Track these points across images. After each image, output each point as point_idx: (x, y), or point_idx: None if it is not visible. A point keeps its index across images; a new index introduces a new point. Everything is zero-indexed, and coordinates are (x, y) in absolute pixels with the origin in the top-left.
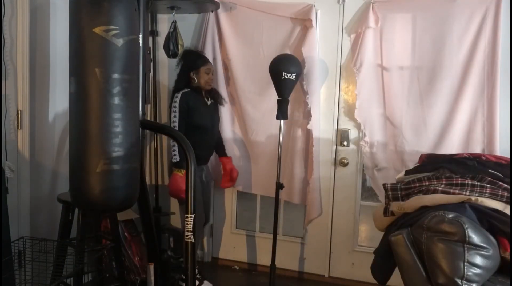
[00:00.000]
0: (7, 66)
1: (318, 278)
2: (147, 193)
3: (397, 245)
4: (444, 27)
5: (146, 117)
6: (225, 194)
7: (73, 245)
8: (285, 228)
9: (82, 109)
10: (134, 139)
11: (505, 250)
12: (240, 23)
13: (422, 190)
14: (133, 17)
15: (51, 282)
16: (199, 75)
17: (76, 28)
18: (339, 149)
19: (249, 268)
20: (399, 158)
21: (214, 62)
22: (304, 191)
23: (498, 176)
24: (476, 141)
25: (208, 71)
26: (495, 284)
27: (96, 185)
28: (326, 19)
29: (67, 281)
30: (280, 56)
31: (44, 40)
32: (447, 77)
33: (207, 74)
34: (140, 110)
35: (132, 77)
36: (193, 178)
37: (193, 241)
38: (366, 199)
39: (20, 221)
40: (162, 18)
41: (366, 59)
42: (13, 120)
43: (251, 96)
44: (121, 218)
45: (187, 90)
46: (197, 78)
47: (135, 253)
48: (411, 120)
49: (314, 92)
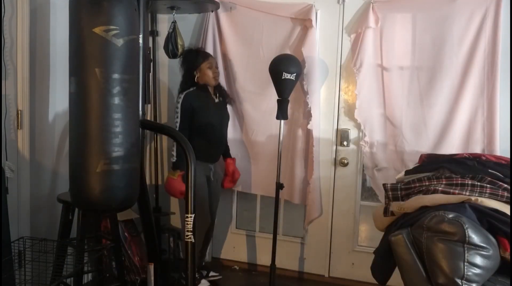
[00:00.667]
0: (7, 66)
1: (318, 278)
2: (147, 193)
3: (397, 245)
4: (444, 27)
5: (146, 117)
6: (225, 194)
7: (73, 245)
8: (285, 228)
9: (82, 109)
10: (134, 139)
11: (505, 250)
12: (240, 23)
13: (422, 190)
14: (133, 17)
15: (51, 282)
16: (202, 72)
17: (76, 28)
18: (339, 149)
19: (249, 268)
20: (399, 158)
21: None
22: (304, 191)
23: (498, 176)
24: (476, 141)
25: (210, 66)
26: (495, 284)
27: (96, 185)
28: (326, 19)
29: (67, 281)
30: (280, 56)
31: (44, 40)
32: (447, 77)
33: (210, 69)
34: (140, 110)
35: (132, 77)
36: (193, 178)
37: (193, 241)
38: (366, 199)
39: (20, 221)
40: (162, 18)
41: (366, 59)
42: (13, 120)
43: (251, 96)
44: (121, 218)
45: (192, 89)
46: (200, 76)
47: (135, 253)
48: (411, 120)
49: (314, 92)
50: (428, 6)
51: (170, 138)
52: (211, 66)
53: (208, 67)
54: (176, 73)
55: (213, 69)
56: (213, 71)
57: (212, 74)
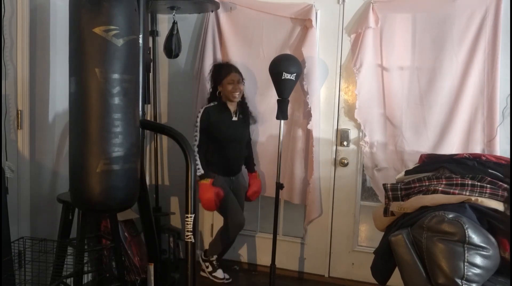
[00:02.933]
0: (7, 66)
1: (318, 278)
2: (147, 193)
3: (397, 245)
4: (444, 27)
5: (146, 117)
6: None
7: (73, 245)
8: (285, 228)
9: (82, 109)
10: (134, 139)
11: (505, 250)
12: (240, 23)
13: (422, 190)
14: (133, 17)
15: (51, 282)
16: (223, 87)
17: (76, 28)
18: (339, 149)
19: (249, 268)
20: (399, 158)
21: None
22: (304, 191)
23: (498, 176)
24: (476, 141)
25: (231, 81)
26: (495, 284)
27: (96, 185)
28: (326, 19)
29: (67, 281)
30: (280, 56)
31: (44, 40)
32: (447, 77)
33: (231, 84)
34: (140, 110)
35: (132, 77)
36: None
37: (193, 241)
38: (366, 199)
39: (20, 221)
40: (162, 18)
41: (366, 59)
42: (13, 120)
43: (251, 96)
44: (121, 218)
45: (212, 104)
46: (222, 91)
47: (135, 253)
48: (411, 120)
49: (314, 92)
50: (428, 6)
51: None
52: (232, 82)
53: (229, 82)
54: (176, 73)
55: (234, 85)
56: (233, 87)
57: (233, 90)
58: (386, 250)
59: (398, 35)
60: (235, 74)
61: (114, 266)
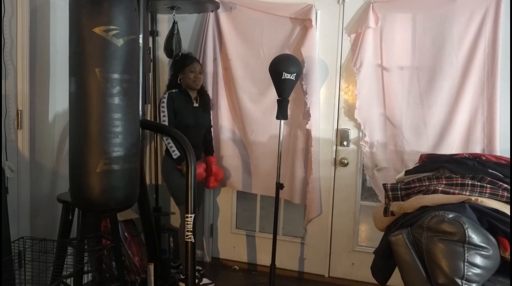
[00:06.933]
0: (7, 66)
1: (318, 278)
2: (147, 193)
3: (397, 245)
4: (444, 27)
5: (146, 117)
6: (225, 194)
7: (73, 245)
8: (285, 228)
9: (82, 109)
10: (134, 139)
11: (505, 250)
12: (240, 23)
13: (422, 190)
14: (133, 17)
15: (51, 282)
16: (185, 75)
17: (76, 28)
18: (339, 149)
19: (249, 268)
20: (399, 158)
21: (215, 62)
22: (304, 191)
23: (498, 176)
24: (476, 141)
25: (193, 70)
26: (495, 284)
27: (96, 185)
28: (326, 19)
29: (67, 281)
30: (280, 56)
31: (44, 40)
32: (447, 77)
33: (192, 72)
34: (140, 110)
35: (132, 77)
36: (194, 178)
37: (193, 241)
38: (366, 199)
39: (20, 221)
40: (162, 18)
41: (366, 59)
42: (13, 120)
43: (251, 96)
44: (121, 218)
45: (174, 91)
46: (183, 79)
47: (135, 253)
48: (411, 120)
49: (314, 92)
50: (428, 6)
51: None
52: (194, 71)
53: (191, 70)
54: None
55: (195, 74)
56: (194, 75)
57: (194, 78)
58: (386, 250)
59: (398, 35)
60: (198, 64)
61: (114, 266)
